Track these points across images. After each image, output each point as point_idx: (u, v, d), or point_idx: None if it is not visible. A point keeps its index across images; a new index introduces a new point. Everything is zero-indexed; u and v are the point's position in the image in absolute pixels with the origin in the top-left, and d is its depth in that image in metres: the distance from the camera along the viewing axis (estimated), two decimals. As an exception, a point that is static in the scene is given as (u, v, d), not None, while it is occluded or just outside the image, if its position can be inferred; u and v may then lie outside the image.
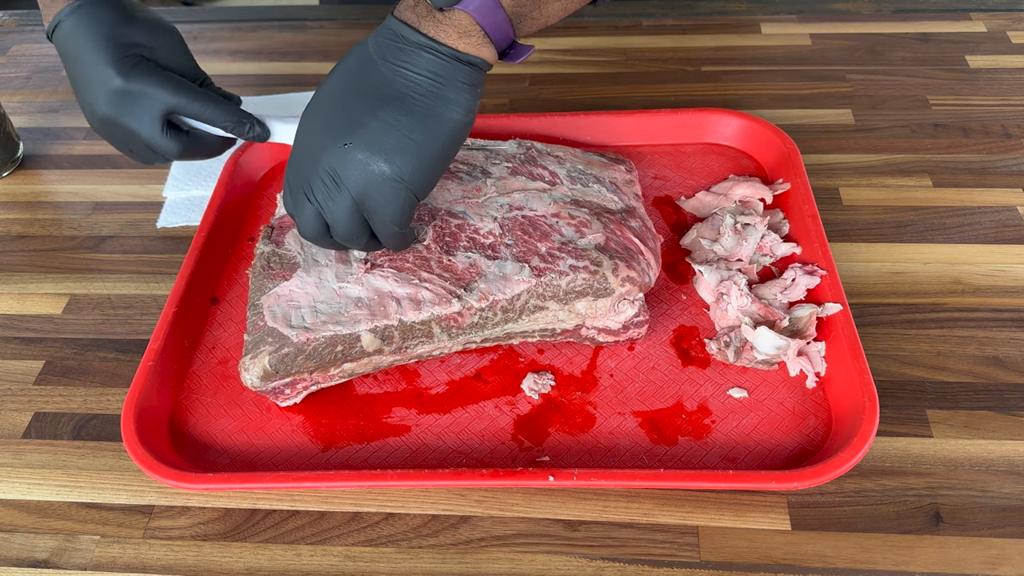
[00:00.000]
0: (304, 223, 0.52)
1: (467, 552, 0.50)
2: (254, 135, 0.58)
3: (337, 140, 0.48)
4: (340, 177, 0.49)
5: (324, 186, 0.50)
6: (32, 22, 1.02)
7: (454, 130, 0.49)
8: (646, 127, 0.75)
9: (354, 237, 0.52)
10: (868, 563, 0.48)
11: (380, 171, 0.48)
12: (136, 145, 0.57)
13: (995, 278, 0.63)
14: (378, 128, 0.48)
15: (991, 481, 0.52)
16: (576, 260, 0.56)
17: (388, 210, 0.50)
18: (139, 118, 0.55)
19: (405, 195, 0.49)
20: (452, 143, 0.50)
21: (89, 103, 0.55)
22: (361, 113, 0.48)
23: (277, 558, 0.51)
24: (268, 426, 0.57)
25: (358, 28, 0.98)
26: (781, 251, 0.64)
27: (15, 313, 0.67)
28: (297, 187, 0.51)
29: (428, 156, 0.49)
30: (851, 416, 0.52)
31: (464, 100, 0.49)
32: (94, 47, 0.54)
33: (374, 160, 0.48)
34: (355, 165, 0.48)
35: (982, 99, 0.80)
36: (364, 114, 0.48)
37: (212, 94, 0.57)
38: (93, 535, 0.53)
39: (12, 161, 0.80)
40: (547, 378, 0.58)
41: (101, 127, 0.57)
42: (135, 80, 0.54)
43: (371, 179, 0.48)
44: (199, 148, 0.58)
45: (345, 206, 0.50)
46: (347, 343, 0.54)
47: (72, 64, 0.56)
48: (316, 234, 0.52)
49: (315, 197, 0.50)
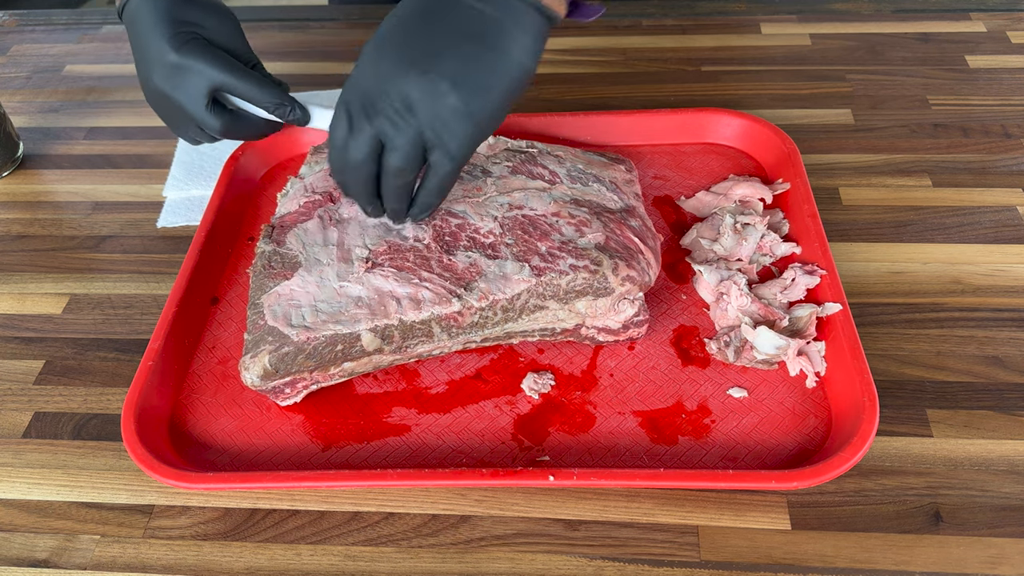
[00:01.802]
0: (353, 147, 0.51)
1: (467, 552, 0.50)
2: (294, 118, 0.59)
3: (414, 68, 0.48)
4: (413, 104, 0.49)
5: (392, 111, 0.49)
6: (32, 22, 1.03)
7: (523, 76, 0.50)
8: (646, 127, 0.75)
9: (408, 168, 0.51)
10: (868, 563, 0.48)
11: (455, 105, 0.48)
12: (184, 120, 0.59)
13: (995, 278, 0.63)
14: (459, 63, 0.48)
15: (991, 481, 0.52)
16: (576, 259, 0.56)
17: (454, 144, 0.50)
18: (187, 92, 0.57)
19: (474, 131, 0.50)
20: (519, 88, 0.51)
21: (146, 76, 0.59)
22: (442, 46, 0.49)
23: (277, 558, 0.51)
24: (268, 426, 0.57)
25: (359, 28, 0.98)
26: (781, 251, 0.64)
27: (15, 313, 0.67)
28: (358, 109, 0.51)
29: (500, 97, 0.50)
30: (851, 416, 0.52)
31: (535, 48, 0.50)
32: (154, 24, 0.57)
33: (453, 93, 0.48)
34: (432, 95, 0.48)
35: (982, 99, 0.80)
36: (445, 47, 0.49)
37: (258, 76, 0.59)
38: (93, 535, 0.53)
39: (12, 161, 0.80)
40: (547, 378, 0.58)
41: (154, 100, 0.60)
42: (187, 55, 0.56)
43: (445, 111, 0.48)
44: (241, 128, 0.60)
45: (412, 133, 0.49)
46: (347, 342, 0.54)
47: (135, 39, 0.60)
48: (360, 161, 0.52)
49: (377, 121, 0.50)
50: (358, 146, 0.51)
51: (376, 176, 0.53)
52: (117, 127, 0.85)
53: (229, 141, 0.80)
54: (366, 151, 0.51)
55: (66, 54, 0.97)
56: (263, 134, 0.62)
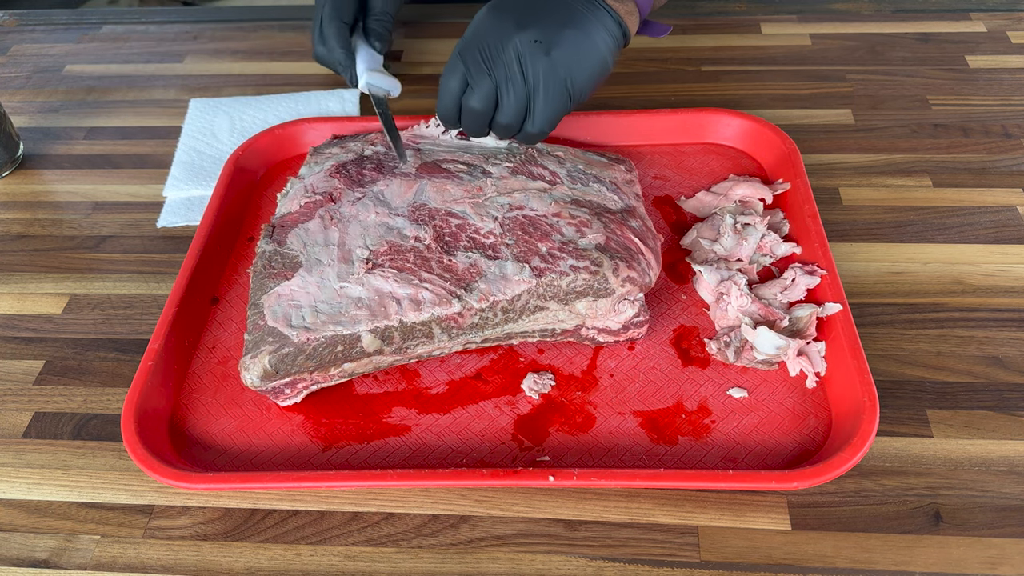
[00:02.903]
0: (474, 99, 0.59)
1: (467, 552, 0.50)
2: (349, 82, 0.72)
3: (527, 35, 0.56)
4: (526, 67, 0.57)
5: (507, 69, 0.57)
6: (32, 22, 1.03)
7: (604, 71, 0.60)
8: (646, 127, 0.75)
9: (514, 123, 0.60)
10: (868, 563, 0.48)
11: (558, 75, 0.57)
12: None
13: (995, 278, 0.63)
14: (564, 40, 0.57)
15: (991, 481, 0.52)
16: (576, 260, 0.56)
17: (549, 110, 0.58)
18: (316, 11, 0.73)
19: (567, 102, 0.59)
20: (600, 80, 0.60)
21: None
22: (551, 22, 0.57)
23: (277, 558, 0.51)
24: (268, 426, 0.57)
25: (358, 28, 0.98)
26: (781, 251, 0.64)
27: (15, 313, 0.67)
28: (478, 63, 0.58)
29: (589, 82, 0.59)
30: (851, 416, 0.52)
31: (614, 51, 0.60)
32: None
33: (557, 65, 0.57)
34: (541, 62, 0.56)
35: (982, 99, 0.80)
36: (554, 23, 0.57)
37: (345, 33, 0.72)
38: (93, 535, 0.53)
39: (12, 161, 0.80)
40: (547, 378, 0.58)
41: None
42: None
43: (549, 78, 0.57)
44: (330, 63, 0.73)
45: (521, 92, 0.58)
46: (347, 343, 0.54)
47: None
48: (480, 111, 0.59)
49: (496, 74, 0.58)
50: (479, 98, 0.59)
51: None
52: (117, 127, 0.85)
53: (229, 142, 0.81)
54: (488, 104, 0.59)
55: (66, 54, 0.97)
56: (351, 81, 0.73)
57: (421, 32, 0.96)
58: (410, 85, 0.88)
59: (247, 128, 0.82)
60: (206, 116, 0.84)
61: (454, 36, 0.94)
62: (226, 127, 0.83)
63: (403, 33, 0.96)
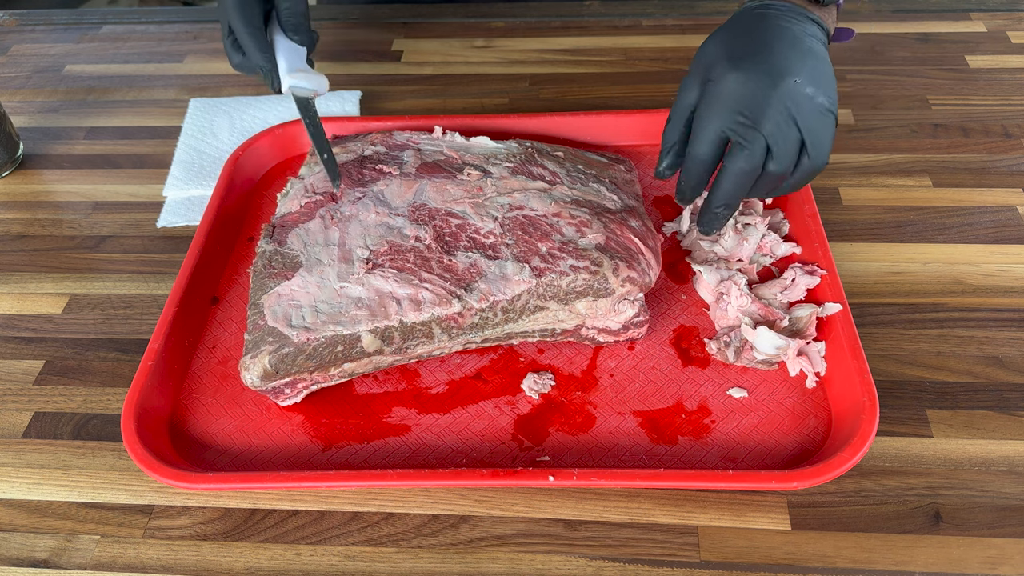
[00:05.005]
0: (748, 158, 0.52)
1: (467, 552, 0.50)
2: (269, 85, 0.65)
3: (786, 79, 0.52)
4: (795, 111, 0.52)
5: (777, 116, 0.52)
6: (32, 22, 1.03)
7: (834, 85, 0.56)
8: (646, 127, 0.75)
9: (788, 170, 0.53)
10: (868, 563, 0.48)
11: (822, 104, 0.53)
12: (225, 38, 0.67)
13: (995, 278, 0.63)
14: (815, 69, 0.54)
15: (991, 481, 0.52)
16: (576, 260, 0.56)
17: (826, 137, 0.53)
18: (221, 19, 0.66)
19: (835, 125, 0.54)
20: None
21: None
22: (795, 58, 0.54)
23: (277, 558, 0.51)
24: (268, 426, 0.57)
25: (357, 28, 0.98)
26: (781, 251, 0.64)
27: (15, 313, 0.67)
28: (733, 115, 0.52)
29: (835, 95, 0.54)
30: (851, 416, 0.52)
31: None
32: None
33: (821, 96, 0.53)
34: (805, 100, 0.52)
35: (982, 99, 0.80)
36: (798, 58, 0.54)
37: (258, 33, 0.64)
38: (93, 535, 0.53)
39: (12, 161, 0.80)
40: (547, 378, 0.58)
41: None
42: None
43: (816, 111, 0.53)
44: (250, 70, 0.66)
45: (795, 136, 0.52)
46: (347, 343, 0.54)
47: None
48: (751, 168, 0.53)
49: (765, 130, 0.52)
50: (751, 157, 0.52)
51: None
52: (117, 127, 0.85)
53: (229, 142, 0.81)
54: (759, 161, 0.53)
55: (66, 54, 0.97)
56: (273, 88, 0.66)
57: (421, 32, 0.96)
58: (410, 85, 0.88)
59: (247, 128, 0.82)
60: (206, 116, 0.84)
61: (454, 36, 0.95)
62: (226, 127, 0.83)
63: (403, 33, 0.96)
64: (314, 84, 0.64)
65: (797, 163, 0.53)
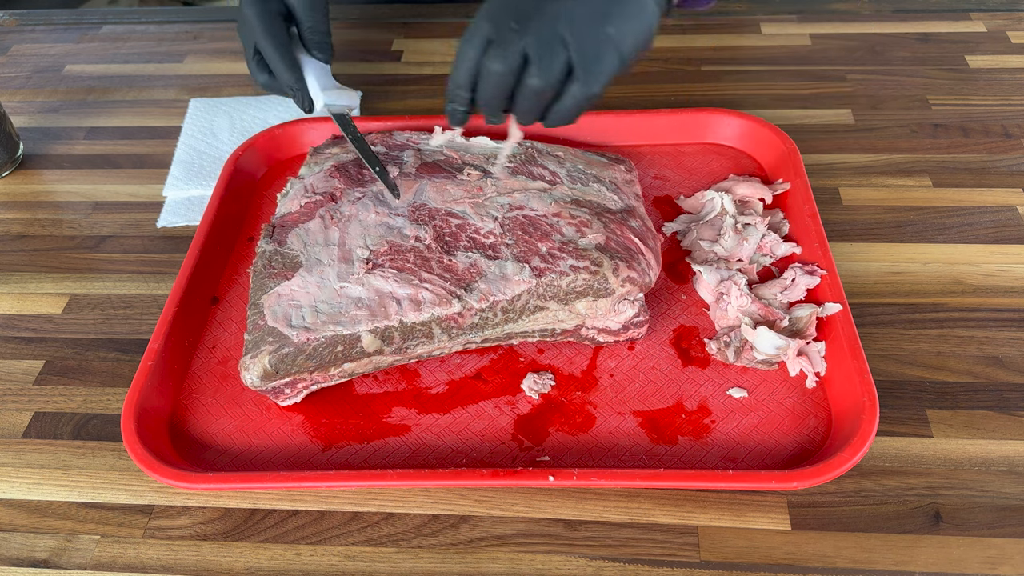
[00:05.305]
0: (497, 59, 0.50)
1: (467, 552, 0.50)
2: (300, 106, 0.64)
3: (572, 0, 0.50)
4: (571, 23, 0.49)
5: (547, 29, 0.49)
6: (32, 22, 1.03)
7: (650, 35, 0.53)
8: (646, 127, 0.75)
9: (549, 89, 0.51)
10: (868, 563, 0.48)
11: (608, 33, 0.50)
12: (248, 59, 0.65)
13: (995, 278, 0.63)
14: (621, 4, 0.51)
15: (991, 481, 0.52)
16: (576, 260, 0.56)
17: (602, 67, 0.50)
18: (245, 39, 0.64)
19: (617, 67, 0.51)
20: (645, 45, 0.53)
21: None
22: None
23: (277, 558, 0.51)
24: (268, 426, 0.57)
25: (357, 28, 0.98)
26: (781, 251, 0.64)
27: (15, 313, 0.67)
28: (506, 22, 0.50)
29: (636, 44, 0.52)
30: (851, 416, 0.52)
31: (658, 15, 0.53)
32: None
33: (611, 24, 0.50)
34: (587, 23, 0.49)
35: (982, 99, 0.80)
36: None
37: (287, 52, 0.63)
38: (93, 535, 0.53)
39: (12, 161, 0.80)
40: (547, 378, 0.58)
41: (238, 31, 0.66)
42: (246, 6, 0.62)
43: (596, 38, 0.50)
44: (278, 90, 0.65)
45: (561, 54, 0.49)
46: (347, 343, 0.54)
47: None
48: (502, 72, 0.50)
49: (529, 37, 0.49)
50: (505, 58, 0.50)
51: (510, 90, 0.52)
52: (117, 127, 0.85)
53: (229, 142, 0.81)
54: (513, 65, 0.50)
55: (66, 54, 0.97)
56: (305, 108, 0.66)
57: (421, 32, 0.96)
58: (410, 85, 0.88)
59: (247, 128, 0.82)
60: (206, 116, 0.84)
61: (454, 36, 0.95)
62: (226, 127, 0.83)
63: (403, 33, 0.96)
64: (348, 100, 0.65)
65: (566, 86, 0.51)
